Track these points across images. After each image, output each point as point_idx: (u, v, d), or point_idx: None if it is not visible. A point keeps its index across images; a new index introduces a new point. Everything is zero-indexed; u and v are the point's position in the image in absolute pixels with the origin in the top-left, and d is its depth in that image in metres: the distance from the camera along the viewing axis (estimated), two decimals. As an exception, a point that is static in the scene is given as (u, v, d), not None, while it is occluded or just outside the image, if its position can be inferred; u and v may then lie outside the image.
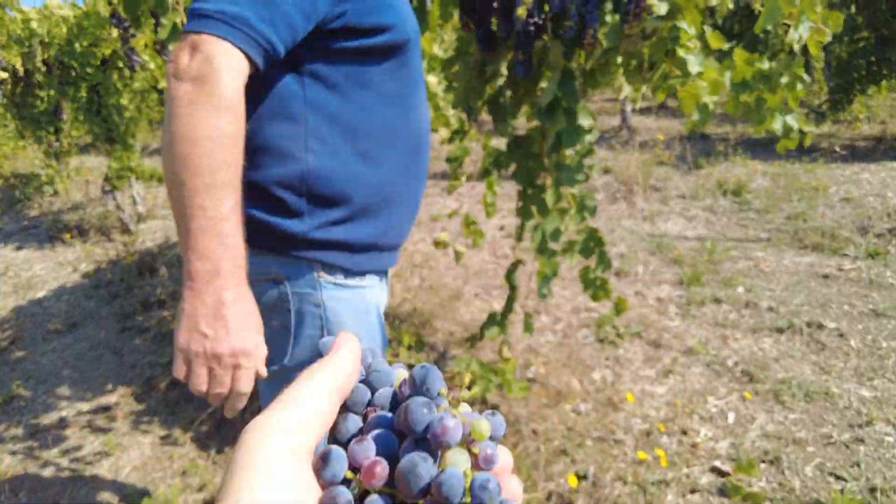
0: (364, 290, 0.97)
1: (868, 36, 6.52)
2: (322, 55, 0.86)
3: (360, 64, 0.89)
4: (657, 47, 1.49)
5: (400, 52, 0.93)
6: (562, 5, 1.41)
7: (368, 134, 0.91)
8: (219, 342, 0.72)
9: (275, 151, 0.87)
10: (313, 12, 0.81)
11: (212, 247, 0.71)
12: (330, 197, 0.89)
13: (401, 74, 0.95)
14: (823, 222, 3.93)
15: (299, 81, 0.87)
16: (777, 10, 1.33)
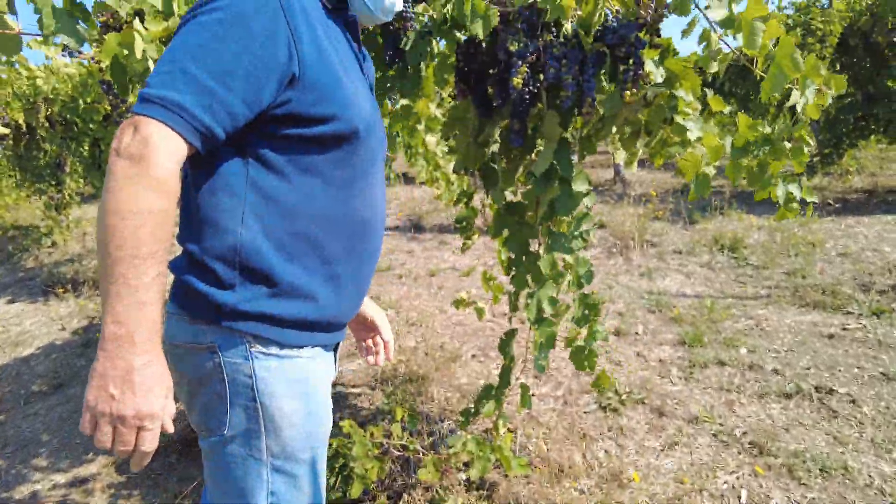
0: (301, 361, 0.98)
1: (854, 92, 6.69)
2: (266, 139, 0.90)
3: (305, 151, 0.92)
4: (655, 114, 1.46)
5: (347, 141, 0.96)
6: (557, 75, 1.39)
7: (308, 217, 0.94)
8: (124, 404, 0.76)
9: (213, 224, 0.89)
10: (256, 101, 0.85)
11: (128, 313, 0.76)
12: (261, 272, 0.91)
13: (348, 162, 0.98)
14: (823, 278, 3.88)
15: (243, 161, 0.90)
16: (782, 76, 1.30)
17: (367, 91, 1.03)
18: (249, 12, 0.84)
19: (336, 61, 0.94)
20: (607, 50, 1.42)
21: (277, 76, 0.86)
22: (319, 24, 0.93)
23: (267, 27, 0.84)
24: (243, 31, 0.83)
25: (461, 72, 1.72)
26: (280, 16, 0.86)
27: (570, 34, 1.42)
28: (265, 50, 0.84)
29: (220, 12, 0.83)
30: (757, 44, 1.28)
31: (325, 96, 0.90)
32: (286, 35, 0.86)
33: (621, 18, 1.37)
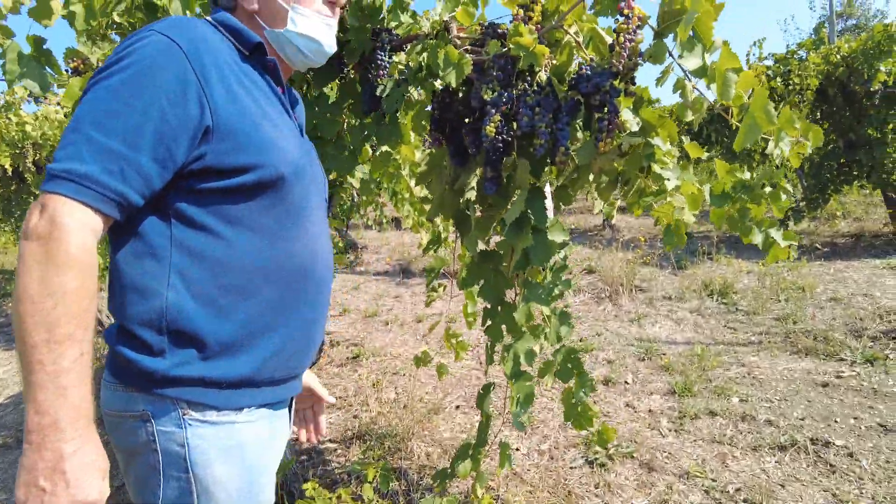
0: (239, 426, 0.92)
1: (836, 140, 6.81)
2: (187, 195, 0.87)
3: (229, 202, 0.89)
4: (631, 164, 1.43)
5: (272, 187, 0.92)
6: (530, 123, 1.36)
7: (239, 269, 0.90)
8: (58, 497, 0.73)
9: (138, 289, 0.85)
10: (169, 159, 0.82)
11: (50, 400, 0.72)
12: (191, 334, 0.86)
13: (277, 208, 0.94)
14: (814, 324, 3.82)
15: (166, 221, 0.86)
16: (756, 128, 1.28)
17: (293, 134, 0.99)
18: (154, 67, 0.81)
19: (253, 107, 0.90)
20: (582, 98, 1.40)
21: (190, 130, 0.83)
22: (233, 70, 0.90)
23: (174, 80, 0.81)
24: (149, 88, 0.80)
25: (437, 120, 1.70)
26: (186, 67, 0.83)
27: (543, 82, 1.40)
28: (174, 105, 0.81)
29: (123, 73, 0.80)
30: (730, 94, 1.26)
31: (243, 145, 0.87)
32: (195, 86, 0.83)
33: (595, 67, 1.35)
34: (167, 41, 0.82)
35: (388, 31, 1.71)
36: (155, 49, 0.81)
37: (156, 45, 0.82)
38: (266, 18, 1.02)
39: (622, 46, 1.26)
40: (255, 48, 0.97)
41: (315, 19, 1.04)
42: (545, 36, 1.43)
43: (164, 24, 0.86)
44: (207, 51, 0.86)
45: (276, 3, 1.02)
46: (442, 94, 1.66)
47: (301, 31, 1.03)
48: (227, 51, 0.92)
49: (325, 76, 1.94)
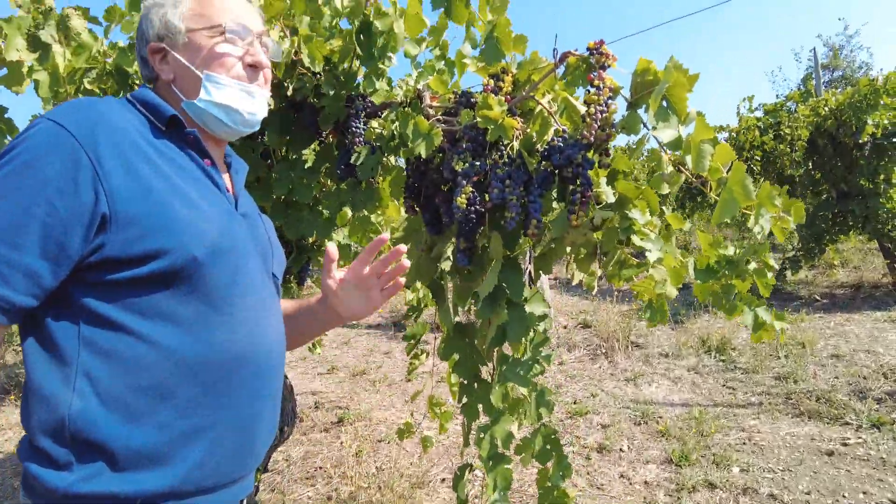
0: None
1: (828, 190, 6.82)
2: (91, 289, 0.79)
3: (140, 293, 0.80)
4: (608, 236, 1.37)
5: (188, 273, 0.82)
6: (501, 196, 1.30)
7: (156, 367, 0.80)
8: None
9: (42, 396, 0.77)
10: (61, 255, 0.75)
11: None
12: (99, 443, 0.76)
13: (198, 294, 0.84)
14: (816, 384, 3.69)
15: (71, 318, 0.78)
16: (733, 203, 1.22)
17: (220, 210, 0.91)
18: (39, 157, 0.75)
19: (160, 186, 0.82)
20: (554, 169, 1.35)
21: (83, 221, 0.76)
22: (139, 148, 0.83)
23: (62, 168, 0.75)
24: (33, 180, 0.74)
25: (411, 187, 1.65)
26: (78, 152, 0.76)
27: (514, 154, 1.36)
28: (63, 195, 0.75)
29: (8, 165, 0.75)
30: (705, 166, 1.21)
31: (147, 229, 0.79)
32: (88, 170, 0.76)
33: (568, 138, 1.31)
34: (56, 128, 0.77)
35: (363, 98, 1.68)
36: (43, 138, 0.77)
37: (44, 134, 0.77)
38: (181, 88, 0.96)
39: (593, 118, 1.22)
40: (170, 122, 0.91)
41: (232, 87, 0.96)
42: (517, 106, 1.40)
43: (59, 109, 0.81)
44: (105, 132, 0.80)
45: (189, 72, 0.94)
46: (416, 161, 1.61)
47: (217, 100, 0.94)
48: (137, 128, 0.86)
49: (302, 140, 1.90)
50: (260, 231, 1.04)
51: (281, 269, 1.12)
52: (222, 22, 0.95)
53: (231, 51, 0.96)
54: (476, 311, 1.62)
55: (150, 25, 0.96)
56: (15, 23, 1.54)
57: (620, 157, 1.41)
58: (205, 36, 0.94)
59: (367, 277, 1.12)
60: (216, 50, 0.94)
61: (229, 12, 0.96)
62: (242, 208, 1.00)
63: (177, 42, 0.94)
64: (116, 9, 1.75)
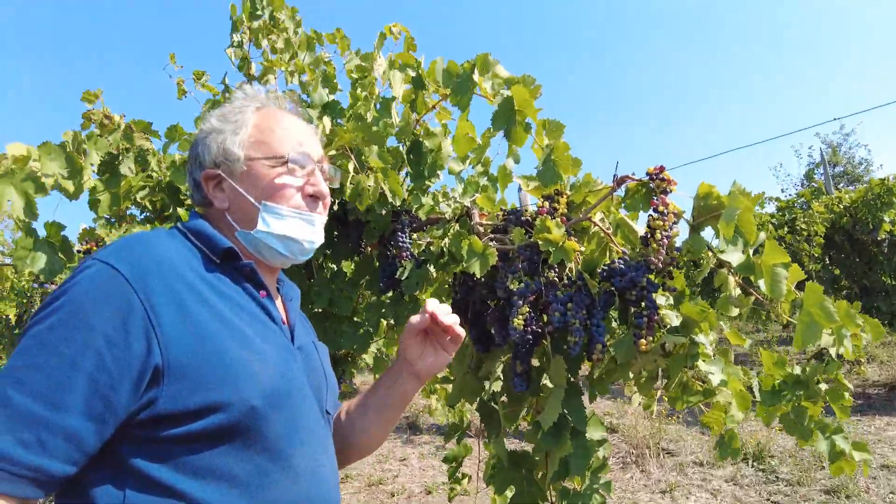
0: None
1: (850, 286, 6.76)
2: (140, 448, 0.71)
3: (193, 450, 0.72)
4: (674, 362, 1.31)
5: (247, 424, 0.76)
6: (563, 319, 1.26)
7: None
8: None
9: None
10: (108, 412, 0.68)
11: None
12: None
13: (256, 449, 0.77)
14: (870, 499, 3.43)
15: (116, 483, 0.70)
16: (815, 326, 1.16)
17: (277, 346, 0.85)
18: (88, 303, 0.70)
19: (217, 328, 0.77)
20: (616, 291, 1.31)
21: (134, 374, 0.70)
22: (193, 287, 0.78)
23: (113, 316, 0.70)
24: (81, 331, 0.69)
25: (458, 302, 1.61)
26: (130, 296, 0.71)
27: (574, 276, 1.33)
28: (112, 345, 0.69)
29: (55, 315, 0.70)
30: (782, 291, 1.17)
31: (205, 380, 0.73)
32: (141, 319, 0.71)
33: (629, 260, 1.28)
34: (108, 270, 0.73)
35: (409, 213, 1.69)
36: (92, 283, 0.72)
37: (94, 278, 0.72)
38: (236, 217, 0.92)
39: (660, 244, 1.20)
40: (225, 254, 0.86)
41: (292, 217, 0.92)
42: (571, 227, 1.39)
43: (110, 248, 0.77)
44: (158, 272, 0.75)
45: (245, 201, 0.90)
46: (463, 276, 1.59)
47: (275, 231, 0.90)
48: (190, 263, 0.82)
49: (343, 253, 1.90)
50: (315, 363, 0.98)
51: (334, 403, 1.06)
52: (284, 152, 0.92)
53: (292, 182, 0.92)
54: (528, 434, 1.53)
55: (207, 151, 0.93)
56: (94, 139, 1.59)
57: (678, 277, 1.38)
58: (265, 165, 0.91)
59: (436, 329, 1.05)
60: (276, 181, 0.91)
61: (291, 140, 0.94)
62: (298, 340, 0.94)
63: (234, 170, 0.91)
64: (178, 128, 1.82)
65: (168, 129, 1.74)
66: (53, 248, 1.55)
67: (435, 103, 1.66)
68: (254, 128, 0.93)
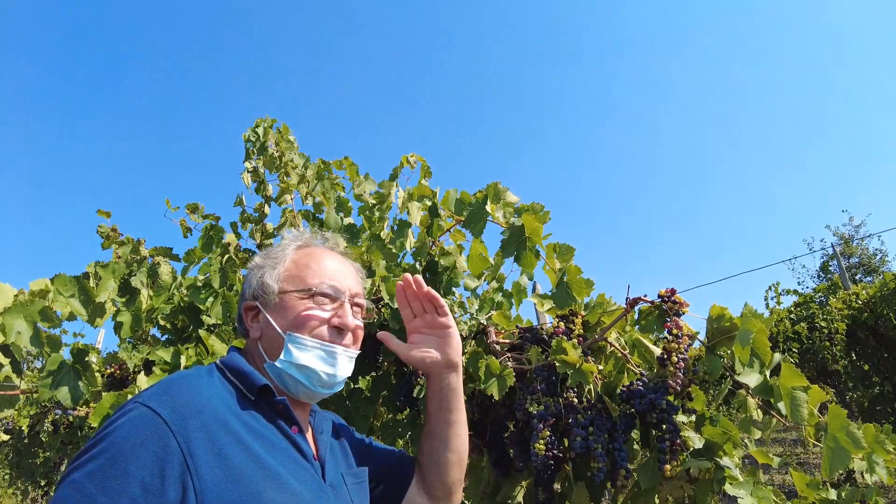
0: None
1: (881, 382, 6.49)
2: None
3: None
4: (701, 488, 1.26)
5: None
6: (585, 445, 1.24)
7: None
8: None
9: None
10: None
11: None
12: None
13: None
14: None
15: None
16: (843, 453, 1.13)
17: (306, 486, 0.85)
18: (127, 449, 0.71)
19: (252, 469, 0.78)
20: (636, 413, 1.30)
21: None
22: (229, 427, 0.80)
23: (150, 461, 0.71)
24: (119, 479, 0.69)
25: (476, 423, 1.59)
26: (169, 441, 0.73)
27: (593, 398, 1.32)
28: (148, 492, 0.69)
29: (94, 461, 0.71)
30: (803, 416, 1.16)
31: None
32: (178, 462, 0.72)
33: (647, 381, 1.28)
34: (149, 414, 0.74)
35: (425, 330, 1.72)
36: (132, 427, 0.73)
37: (134, 422, 0.73)
38: (266, 348, 0.95)
39: (676, 367, 1.20)
40: (261, 392, 0.88)
41: (314, 349, 0.94)
42: (588, 347, 1.40)
43: (152, 391, 0.79)
44: (198, 415, 0.77)
45: (274, 332, 0.93)
46: (481, 396, 1.58)
47: (296, 360, 0.92)
48: (226, 401, 0.84)
49: (361, 370, 1.91)
50: (345, 499, 0.96)
51: None
52: (313, 285, 0.96)
53: (318, 314, 0.95)
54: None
55: (249, 285, 0.99)
56: (111, 267, 1.67)
57: (698, 396, 1.37)
58: (295, 297, 0.95)
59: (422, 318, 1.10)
60: (303, 313, 0.94)
61: (323, 275, 0.97)
62: (329, 476, 0.94)
63: (269, 302, 0.96)
64: (196, 251, 1.91)
65: (186, 252, 1.83)
66: (77, 373, 1.59)
67: (449, 226, 1.74)
68: (291, 262, 0.99)
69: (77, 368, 1.58)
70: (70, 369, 1.57)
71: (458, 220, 1.64)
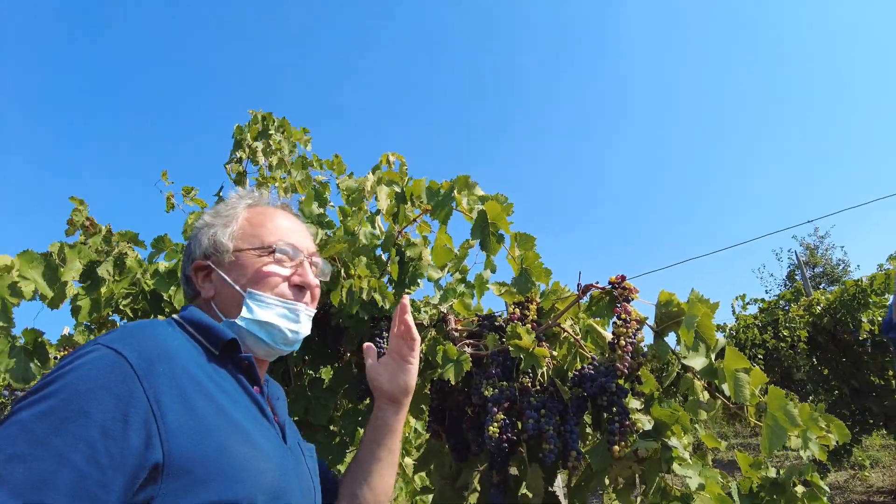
0: None
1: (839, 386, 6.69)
2: None
3: None
4: (651, 467, 1.30)
5: None
6: (537, 426, 1.27)
7: None
8: None
9: None
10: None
11: None
12: None
13: None
14: None
15: None
16: (780, 430, 1.18)
17: (273, 444, 0.83)
18: (87, 392, 0.64)
19: (219, 423, 0.74)
20: (587, 396, 1.33)
21: (127, 470, 0.63)
22: (196, 379, 0.76)
23: (113, 407, 0.65)
24: (75, 421, 0.63)
25: (436, 410, 1.61)
26: (134, 387, 0.67)
27: (546, 381, 1.35)
28: (108, 437, 0.63)
29: (46, 401, 0.64)
30: (745, 396, 1.20)
31: (205, 477, 0.68)
32: (143, 409, 0.66)
33: (598, 365, 1.32)
34: (113, 356, 0.69)
35: (389, 320, 1.72)
36: (94, 369, 0.67)
37: (95, 363, 0.67)
38: (222, 307, 0.92)
39: (625, 350, 1.24)
40: (226, 346, 0.85)
41: (276, 306, 0.92)
42: (542, 332, 1.43)
43: (116, 334, 0.73)
44: (166, 359, 0.73)
45: (231, 290, 0.91)
46: (440, 382, 1.60)
47: (258, 318, 0.90)
48: (192, 355, 0.80)
49: (322, 359, 1.91)
50: (303, 468, 0.95)
51: None
52: (272, 242, 0.94)
53: (278, 270, 0.94)
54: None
55: (198, 245, 0.96)
56: (77, 248, 1.64)
57: (648, 380, 1.41)
58: (253, 255, 0.93)
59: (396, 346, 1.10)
60: (262, 269, 0.92)
61: (280, 233, 0.97)
62: (290, 440, 0.92)
63: (223, 260, 0.93)
64: (166, 239, 1.89)
65: (155, 239, 1.80)
66: (30, 356, 1.56)
67: (416, 216, 1.76)
68: (244, 221, 0.97)
69: (28, 349, 1.55)
70: (20, 351, 1.54)
71: (425, 210, 1.66)
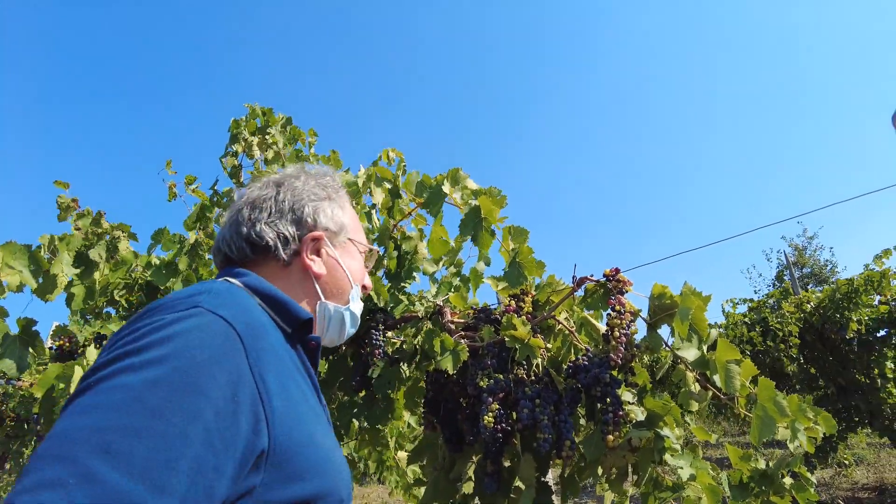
0: None
1: (826, 385, 6.78)
2: None
3: None
4: (643, 457, 1.32)
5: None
6: (532, 416, 1.28)
7: None
8: None
9: None
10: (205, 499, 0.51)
11: None
12: None
13: None
14: None
15: None
16: (769, 421, 1.21)
17: (334, 436, 0.76)
18: (201, 362, 0.54)
19: (305, 410, 0.66)
20: (581, 387, 1.35)
21: (238, 457, 0.54)
22: (281, 358, 0.67)
23: (226, 384, 0.55)
24: (193, 396, 0.52)
25: (430, 401, 1.62)
26: (242, 363, 0.58)
27: (541, 372, 1.37)
28: (221, 420, 0.53)
29: (155, 368, 0.53)
30: (735, 387, 1.22)
31: (304, 468, 0.61)
32: (251, 391, 0.58)
33: (592, 357, 1.33)
34: (221, 323, 0.59)
35: (384, 311, 1.73)
36: (206, 335, 0.57)
37: (206, 330, 0.58)
38: (327, 289, 0.87)
39: (618, 341, 1.26)
40: (303, 325, 0.76)
41: (359, 301, 0.95)
42: (537, 324, 1.45)
43: (209, 297, 0.63)
44: (264, 333, 0.65)
45: (343, 276, 0.89)
46: (435, 374, 1.61)
47: (355, 310, 0.92)
48: (274, 331, 0.71)
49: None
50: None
51: None
52: (369, 244, 0.99)
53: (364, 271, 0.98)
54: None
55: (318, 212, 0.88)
56: (66, 240, 1.64)
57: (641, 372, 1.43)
58: (357, 249, 0.95)
59: None
60: (363, 267, 0.96)
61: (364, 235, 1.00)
62: None
63: (337, 241, 0.90)
64: (165, 232, 1.89)
65: (155, 232, 1.81)
66: (24, 343, 1.56)
67: (411, 210, 1.77)
68: (351, 210, 0.97)
69: (23, 339, 1.55)
70: (14, 340, 1.54)
71: (419, 204, 1.68)
